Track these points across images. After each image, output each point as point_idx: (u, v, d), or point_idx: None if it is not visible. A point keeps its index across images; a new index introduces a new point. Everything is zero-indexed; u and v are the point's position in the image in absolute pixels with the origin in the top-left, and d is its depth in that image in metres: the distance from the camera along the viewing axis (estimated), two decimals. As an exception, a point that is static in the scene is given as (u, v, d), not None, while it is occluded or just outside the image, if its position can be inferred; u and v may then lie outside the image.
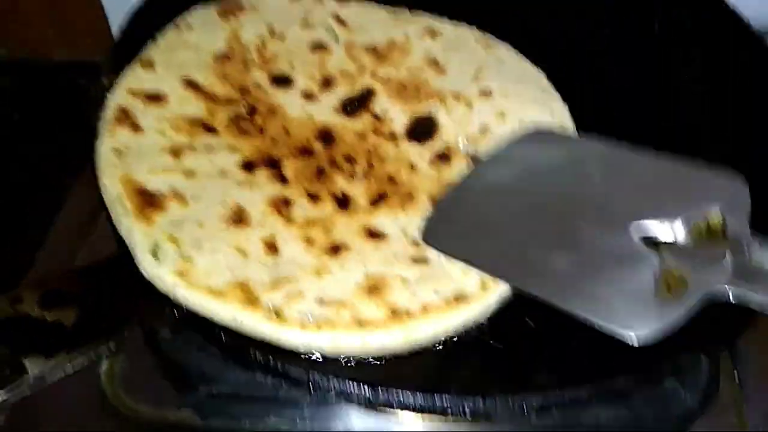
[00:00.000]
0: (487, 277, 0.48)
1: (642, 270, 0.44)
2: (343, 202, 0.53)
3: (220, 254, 0.48)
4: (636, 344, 0.41)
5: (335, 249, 0.50)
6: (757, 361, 0.55)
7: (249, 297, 0.46)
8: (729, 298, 0.42)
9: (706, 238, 0.45)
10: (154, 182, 0.51)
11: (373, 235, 0.51)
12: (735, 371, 0.53)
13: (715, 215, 0.45)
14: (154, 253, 0.47)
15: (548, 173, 0.53)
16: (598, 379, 0.43)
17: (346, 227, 0.51)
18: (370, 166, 0.56)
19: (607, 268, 0.45)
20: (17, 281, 0.52)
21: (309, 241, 0.50)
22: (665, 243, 0.46)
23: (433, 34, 0.66)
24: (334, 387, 0.43)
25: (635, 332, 0.41)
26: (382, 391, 0.42)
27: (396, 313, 0.46)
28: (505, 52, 0.65)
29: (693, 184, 0.48)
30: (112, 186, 0.51)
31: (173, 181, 0.52)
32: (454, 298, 0.47)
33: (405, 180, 0.55)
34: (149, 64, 0.59)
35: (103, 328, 0.44)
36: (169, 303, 0.46)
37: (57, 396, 0.47)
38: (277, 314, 0.45)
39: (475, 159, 0.56)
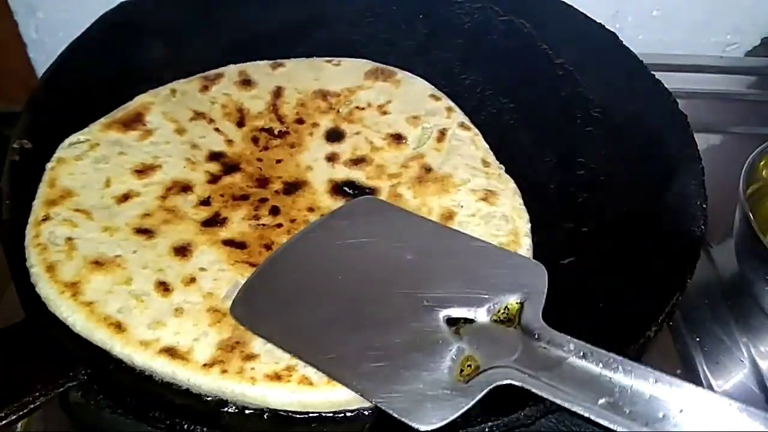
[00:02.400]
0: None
1: (441, 356, 0.45)
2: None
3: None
4: (421, 429, 0.42)
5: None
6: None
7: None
8: (513, 382, 0.43)
9: (503, 321, 0.48)
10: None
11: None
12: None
13: (514, 303, 0.48)
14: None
15: (367, 246, 0.53)
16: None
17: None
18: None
19: (408, 354, 0.45)
20: None
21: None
22: (465, 321, 0.48)
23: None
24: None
25: (425, 426, 0.42)
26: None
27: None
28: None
29: (501, 272, 0.50)
30: None
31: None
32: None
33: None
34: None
35: (13, 394, 0.43)
36: (80, 365, 0.45)
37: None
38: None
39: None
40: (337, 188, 0.59)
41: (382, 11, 0.75)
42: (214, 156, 0.60)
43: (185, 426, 0.44)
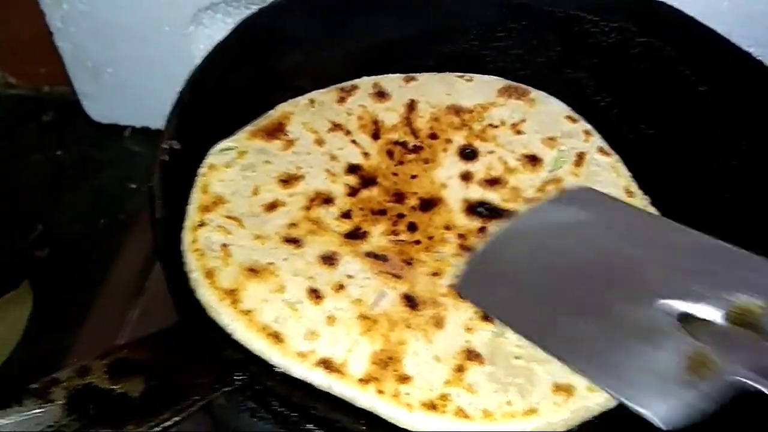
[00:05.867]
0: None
1: (669, 347, 0.44)
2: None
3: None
4: (657, 422, 0.41)
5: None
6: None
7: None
8: (757, 387, 0.41)
9: (743, 323, 0.45)
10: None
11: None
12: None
13: (755, 305, 0.45)
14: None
15: (588, 235, 0.54)
16: None
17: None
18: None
19: (634, 342, 0.45)
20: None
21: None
22: (700, 320, 0.46)
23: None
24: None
25: (654, 412, 0.41)
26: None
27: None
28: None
29: (738, 273, 0.47)
30: None
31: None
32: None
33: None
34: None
35: (169, 398, 0.44)
36: (235, 370, 0.46)
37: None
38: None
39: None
40: (472, 209, 0.59)
41: (514, 26, 0.74)
42: (352, 168, 0.61)
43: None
